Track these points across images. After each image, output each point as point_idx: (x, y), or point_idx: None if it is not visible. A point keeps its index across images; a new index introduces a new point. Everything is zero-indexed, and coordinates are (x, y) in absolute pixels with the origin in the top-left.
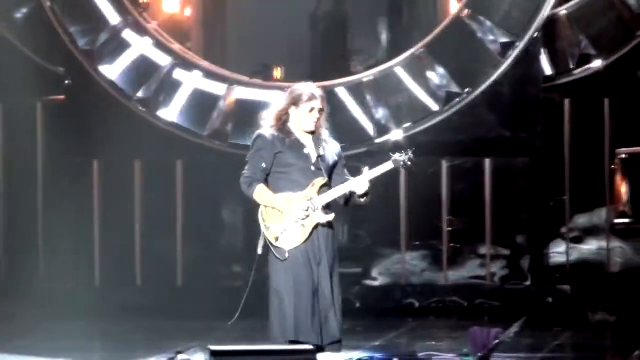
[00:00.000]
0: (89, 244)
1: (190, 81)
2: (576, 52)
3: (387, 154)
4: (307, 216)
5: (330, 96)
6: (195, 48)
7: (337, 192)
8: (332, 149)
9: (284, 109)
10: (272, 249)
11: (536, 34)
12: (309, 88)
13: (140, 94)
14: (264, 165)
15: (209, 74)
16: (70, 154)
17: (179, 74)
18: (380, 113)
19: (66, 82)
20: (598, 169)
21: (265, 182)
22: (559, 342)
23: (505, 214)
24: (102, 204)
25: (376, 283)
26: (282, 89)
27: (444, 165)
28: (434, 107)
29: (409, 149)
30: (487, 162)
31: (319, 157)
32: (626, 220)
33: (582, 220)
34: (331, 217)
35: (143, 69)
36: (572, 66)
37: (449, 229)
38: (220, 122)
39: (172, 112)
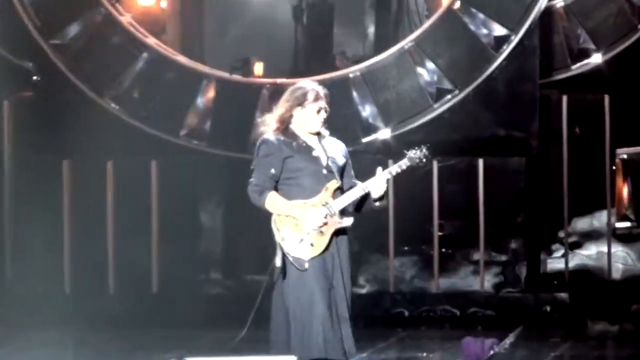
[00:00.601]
0: (58, 248)
1: (166, 77)
2: (574, 46)
3: (374, 154)
4: (326, 223)
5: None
6: (172, 42)
7: (352, 194)
8: (338, 149)
9: (288, 110)
10: (291, 260)
11: (532, 27)
12: (313, 86)
13: (113, 91)
14: (272, 171)
15: (186, 70)
16: (40, 154)
17: (154, 69)
18: (367, 110)
19: (35, 78)
20: (598, 169)
21: (275, 189)
22: (557, 354)
23: (500, 218)
24: (72, 206)
25: (363, 291)
26: (263, 85)
27: (435, 165)
28: (424, 104)
29: (422, 145)
30: (481, 162)
31: (329, 158)
32: (628, 224)
33: (581, 223)
34: (349, 221)
35: (116, 64)
36: (570, 61)
37: (440, 233)
38: (197, 120)
39: (146, 110)
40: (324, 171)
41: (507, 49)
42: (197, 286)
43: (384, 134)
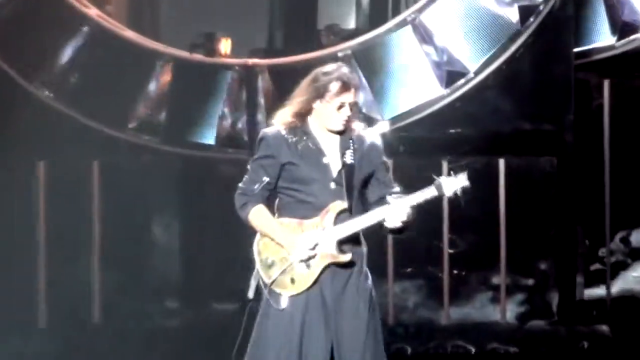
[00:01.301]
0: None
1: (111, 57)
2: (618, 19)
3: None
4: (314, 256)
5: (295, 76)
6: (117, 13)
7: (358, 224)
8: (367, 152)
9: (305, 103)
10: (266, 293)
11: None
12: (340, 74)
13: (45, 74)
14: (266, 178)
15: (136, 48)
16: None
17: (95, 47)
18: (361, 98)
19: None
20: None
21: (270, 199)
22: None
23: (526, 232)
24: None
25: None
26: (231, 66)
27: (445, 167)
28: (432, 90)
29: (462, 168)
30: (502, 163)
31: (343, 167)
32: None
33: (627, 239)
34: (346, 257)
35: (49, 41)
36: (613, 38)
37: (451, 251)
38: (150, 111)
39: (86, 98)
40: (332, 185)
41: (534, 22)
42: (148, 317)
43: (382, 127)
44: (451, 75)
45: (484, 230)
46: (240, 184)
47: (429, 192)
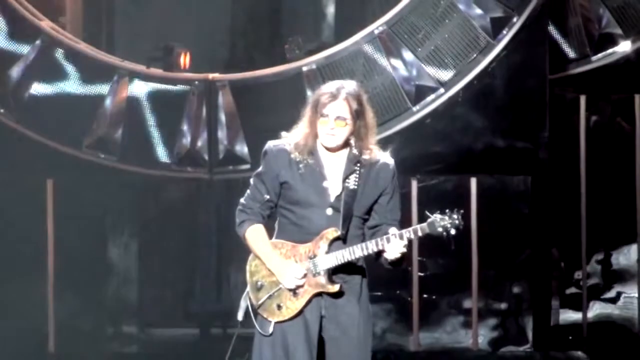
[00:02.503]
0: None
1: (65, 71)
2: (595, 31)
3: None
4: (302, 285)
5: (256, 92)
6: (72, 25)
7: (347, 255)
8: (374, 177)
9: (308, 119)
10: (253, 317)
11: (540, 7)
12: (331, 87)
13: None
14: (266, 196)
15: (90, 62)
16: None
17: (48, 61)
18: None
19: None
20: (626, 190)
21: (271, 217)
22: None
23: (499, 254)
24: None
25: None
26: (190, 81)
27: (414, 186)
28: (400, 106)
29: (457, 210)
30: (474, 182)
31: (343, 193)
32: None
33: (603, 261)
34: (335, 288)
35: (0, 56)
36: (589, 50)
37: (421, 274)
38: (105, 128)
39: (38, 114)
40: (329, 210)
41: (507, 35)
42: (106, 342)
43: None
44: (420, 90)
45: (455, 252)
46: (241, 200)
47: (421, 229)
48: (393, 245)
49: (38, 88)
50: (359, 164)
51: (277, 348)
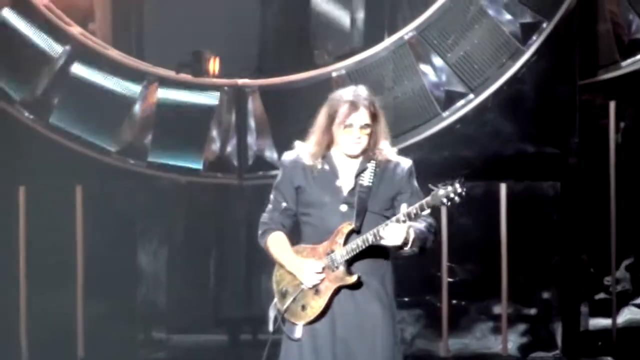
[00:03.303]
0: None
1: (94, 77)
2: (625, 37)
3: None
4: (322, 280)
5: (285, 97)
6: (101, 32)
7: (360, 242)
8: (390, 176)
9: (324, 129)
10: (281, 324)
11: (570, 12)
12: (348, 94)
13: (26, 95)
14: (284, 204)
15: (120, 68)
16: None
17: (78, 67)
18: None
19: None
20: None
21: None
22: None
23: (528, 260)
24: None
25: None
26: (219, 87)
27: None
28: (430, 112)
29: (457, 178)
30: (503, 188)
31: (360, 189)
32: None
33: (633, 267)
34: (353, 278)
35: (30, 61)
36: (619, 56)
37: (450, 279)
38: (135, 134)
39: (69, 120)
40: (343, 207)
41: (537, 41)
42: (135, 348)
43: None
44: (450, 95)
45: (485, 257)
46: (263, 213)
47: (426, 203)
48: (391, 229)
49: (67, 94)
50: (373, 162)
51: (305, 351)
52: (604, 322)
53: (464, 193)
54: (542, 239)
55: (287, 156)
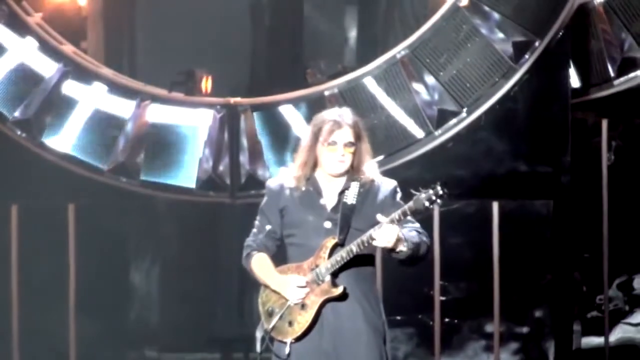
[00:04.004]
0: None
1: (87, 96)
2: (617, 55)
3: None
4: (308, 295)
5: (277, 116)
6: (94, 50)
7: (345, 254)
8: (374, 195)
9: (308, 148)
10: (269, 344)
11: (562, 30)
12: (333, 115)
13: (18, 114)
14: (268, 226)
15: (112, 86)
16: None
17: (70, 86)
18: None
19: None
20: None
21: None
22: None
23: (521, 278)
24: None
25: None
26: (212, 106)
27: (436, 210)
28: (422, 130)
29: (439, 181)
30: (495, 206)
31: (343, 206)
32: None
33: (625, 285)
34: (339, 290)
35: (22, 80)
36: (612, 74)
37: (443, 298)
38: (127, 152)
39: (61, 139)
40: (327, 224)
41: (529, 59)
42: None
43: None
44: (442, 114)
45: (477, 276)
46: (247, 237)
47: (408, 208)
48: (382, 232)
49: (59, 113)
50: (357, 182)
51: None
52: (596, 340)
53: (445, 195)
54: (534, 258)
55: (272, 181)
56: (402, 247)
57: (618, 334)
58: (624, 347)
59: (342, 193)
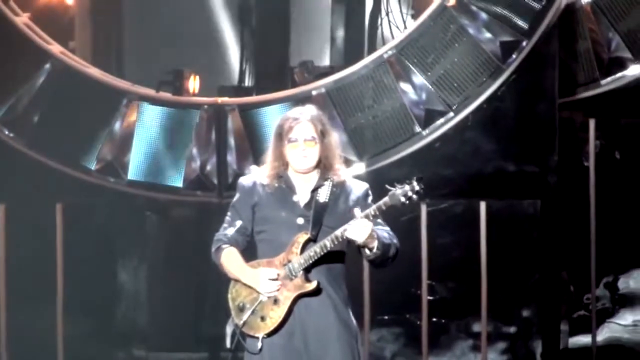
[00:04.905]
0: None
1: (74, 95)
2: (605, 55)
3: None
4: (280, 288)
5: (264, 116)
6: (81, 49)
7: (318, 249)
8: (346, 195)
9: (275, 147)
10: (240, 339)
11: (549, 30)
12: (294, 113)
13: (6, 114)
14: (239, 222)
15: (100, 86)
16: None
17: (58, 85)
18: (335, 138)
19: None
20: (635, 214)
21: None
22: None
23: (508, 278)
24: None
25: None
26: (199, 105)
27: (423, 210)
28: (409, 130)
29: (414, 177)
30: (483, 206)
31: (315, 203)
32: None
33: (613, 285)
34: (312, 285)
35: (10, 79)
36: (599, 74)
37: (430, 297)
38: (115, 152)
39: (48, 138)
40: (299, 220)
41: (517, 59)
42: None
43: (357, 169)
44: (430, 114)
45: (465, 275)
46: (217, 232)
47: (383, 203)
48: (356, 226)
49: (47, 112)
50: (329, 182)
51: None
52: (583, 339)
53: (422, 191)
54: (522, 257)
55: (245, 179)
56: (374, 245)
57: (605, 333)
58: (611, 347)
59: (314, 191)
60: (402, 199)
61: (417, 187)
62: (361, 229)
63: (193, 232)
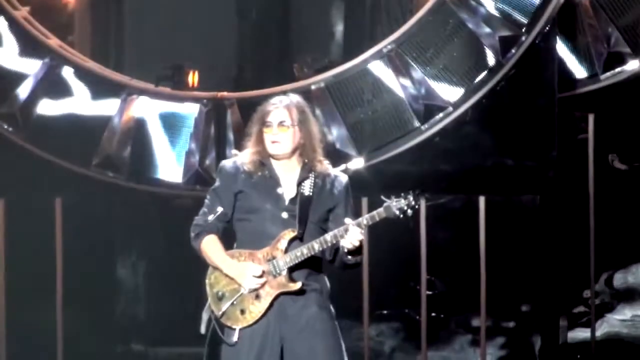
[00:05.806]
0: None
1: (73, 90)
2: (604, 50)
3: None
4: (263, 285)
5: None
6: (81, 43)
7: (306, 250)
8: (330, 188)
9: (255, 134)
10: (217, 328)
11: (549, 25)
12: (276, 98)
13: (5, 107)
14: (220, 208)
15: (99, 80)
16: None
17: (57, 79)
18: (334, 133)
19: None
20: (635, 209)
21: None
22: None
23: (507, 273)
24: None
25: None
26: (198, 100)
27: (423, 205)
28: (409, 125)
29: (412, 190)
30: (482, 201)
31: (298, 197)
32: None
33: (612, 280)
34: (297, 286)
35: (9, 73)
36: (598, 69)
37: (429, 292)
38: (114, 146)
39: (46, 133)
40: (284, 214)
41: (516, 54)
42: None
43: (356, 163)
44: (429, 109)
45: (464, 270)
46: (195, 217)
47: (377, 214)
48: (351, 234)
49: (46, 106)
50: (313, 173)
51: (243, 356)
52: (582, 335)
53: (418, 206)
54: (520, 252)
55: (227, 163)
56: (361, 252)
57: (604, 328)
58: (610, 342)
59: (299, 184)
60: (397, 213)
61: (413, 202)
62: (356, 236)
63: (192, 226)
